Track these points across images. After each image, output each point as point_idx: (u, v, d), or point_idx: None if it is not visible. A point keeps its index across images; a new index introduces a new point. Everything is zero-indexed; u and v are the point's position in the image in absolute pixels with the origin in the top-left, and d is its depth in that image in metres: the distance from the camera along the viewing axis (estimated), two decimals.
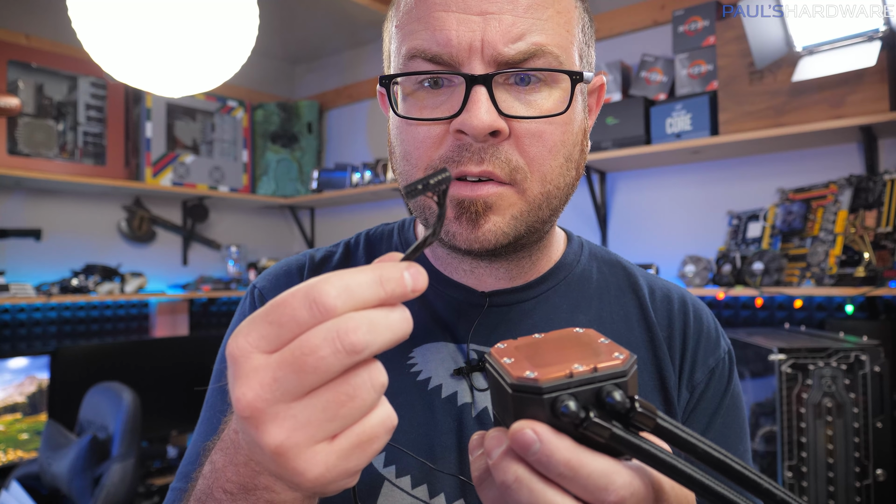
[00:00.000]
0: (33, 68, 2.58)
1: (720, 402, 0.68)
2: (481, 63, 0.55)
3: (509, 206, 0.57)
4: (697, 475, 0.34)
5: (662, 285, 0.73)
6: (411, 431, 0.62)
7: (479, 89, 0.54)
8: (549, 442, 0.34)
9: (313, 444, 0.33)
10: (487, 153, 0.56)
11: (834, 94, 1.87)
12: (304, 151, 3.41)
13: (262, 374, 0.32)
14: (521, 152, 0.57)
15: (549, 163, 0.58)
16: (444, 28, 0.55)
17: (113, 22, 1.34)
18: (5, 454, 2.33)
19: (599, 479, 0.34)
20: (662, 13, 2.43)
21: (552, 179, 0.58)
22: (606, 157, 2.26)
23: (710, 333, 0.70)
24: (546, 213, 0.60)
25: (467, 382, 0.64)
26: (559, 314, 0.68)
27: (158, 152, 2.87)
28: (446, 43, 0.55)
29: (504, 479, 0.36)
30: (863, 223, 1.86)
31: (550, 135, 0.57)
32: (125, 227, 2.93)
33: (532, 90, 0.57)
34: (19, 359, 2.41)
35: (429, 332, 0.67)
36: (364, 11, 2.83)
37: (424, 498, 0.60)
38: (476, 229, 0.57)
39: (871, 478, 1.47)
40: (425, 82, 0.58)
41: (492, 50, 0.54)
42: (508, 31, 0.55)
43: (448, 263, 0.68)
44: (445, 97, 0.57)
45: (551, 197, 0.59)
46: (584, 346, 0.38)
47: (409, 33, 0.58)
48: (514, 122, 0.56)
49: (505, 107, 0.56)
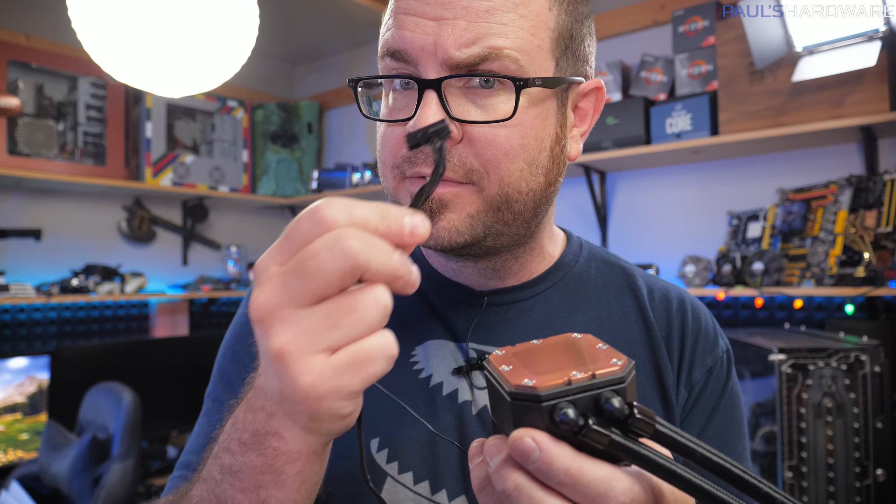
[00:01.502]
0: (33, 68, 2.58)
1: (718, 401, 0.68)
2: (434, 67, 0.55)
3: (466, 204, 0.58)
4: (697, 480, 0.34)
5: (661, 285, 0.74)
6: (413, 428, 0.62)
7: (430, 93, 0.55)
8: (548, 450, 0.34)
9: (312, 352, 0.35)
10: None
11: (834, 94, 1.87)
12: (304, 151, 3.41)
13: (273, 281, 0.36)
14: (476, 155, 0.57)
15: (507, 166, 0.57)
16: (402, 27, 0.57)
17: (113, 22, 1.34)
18: (5, 454, 2.33)
19: (599, 485, 0.34)
20: (662, 13, 2.43)
21: (511, 183, 0.58)
22: (606, 157, 2.26)
23: (707, 333, 0.71)
24: (507, 215, 0.59)
25: (467, 381, 0.64)
26: (558, 313, 0.68)
27: (158, 152, 2.87)
28: (402, 40, 0.57)
29: (504, 488, 0.36)
30: (863, 223, 1.86)
31: (505, 139, 0.57)
32: (125, 227, 2.93)
33: (491, 94, 0.56)
34: (19, 359, 2.41)
35: (430, 330, 0.67)
36: (364, 11, 2.83)
37: (426, 494, 0.60)
38: (433, 226, 0.57)
39: (871, 478, 1.47)
40: (396, 84, 0.59)
41: (443, 53, 0.55)
42: (461, 36, 0.55)
43: (440, 262, 0.69)
44: (409, 99, 0.58)
45: (511, 200, 0.58)
46: (582, 352, 0.38)
47: (384, 32, 0.60)
48: (466, 126, 0.56)
49: (458, 111, 0.56)
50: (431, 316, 0.68)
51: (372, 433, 0.62)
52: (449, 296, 0.68)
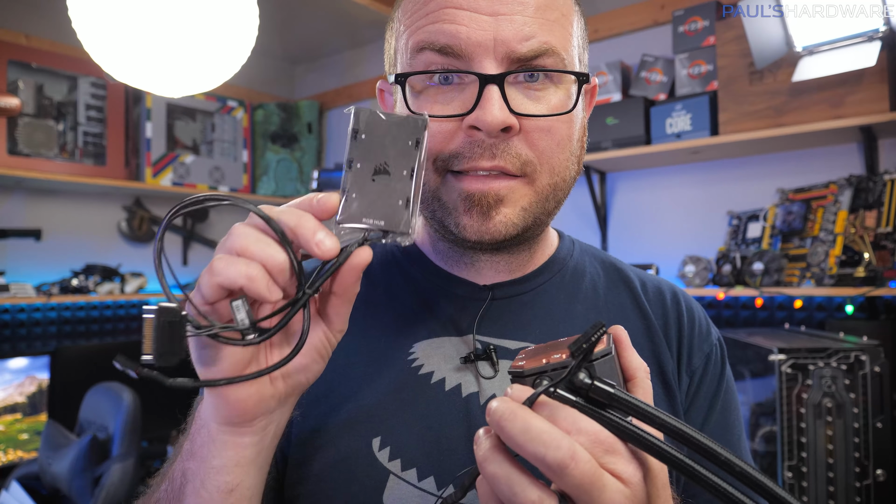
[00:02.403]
0: (33, 68, 2.58)
1: (718, 386, 0.71)
2: (494, 61, 0.57)
3: (520, 197, 0.60)
4: (633, 429, 0.39)
5: (652, 279, 0.77)
6: (415, 425, 0.62)
7: (492, 87, 0.56)
8: (511, 409, 0.39)
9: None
10: (498, 149, 0.58)
11: (834, 94, 1.87)
12: (304, 151, 3.41)
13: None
14: (531, 146, 0.59)
15: (558, 156, 0.61)
16: (454, 21, 0.57)
17: (113, 22, 1.34)
18: (5, 454, 2.33)
19: (550, 440, 0.38)
20: (662, 13, 2.43)
21: (559, 172, 0.62)
22: (606, 157, 2.26)
23: (701, 322, 0.74)
24: (552, 204, 0.63)
25: (473, 372, 0.64)
26: (557, 304, 0.70)
27: (158, 152, 2.87)
28: (455, 34, 0.57)
29: (487, 472, 0.40)
30: (863, 223, 1.86)
31: (558, 130, 0.60)
32: (125, 227, 2.93)
33: (540, 87, 0.59)
34: (19, 359, 2.41)
35: (429, 329, 0.68)
36: (364, 11, 2.83)
37: (432, 490, 0.60)
38: (487, 221, 0.59)
39: (871, 478, 1.47)
40: (435, 79, 0.60)
41: (505, 48, 0.57)
42: (520, 31, 0.57)
43: (448, 258, 0.70)
44: (456, 94, 0.59)
45: (558, 189, 0.62)
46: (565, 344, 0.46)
47: (418, 28, 0.60)
48: (523, 119, 0.58)
49: (515, 104, 0.58)
50: (431, 313, 0.69)
51: (372, 432, 0.62)
52: (451, 291, 0.69)
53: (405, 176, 0.47)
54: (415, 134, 0.47)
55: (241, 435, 0.49)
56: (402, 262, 0.73)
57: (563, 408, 0.40)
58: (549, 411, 0.40)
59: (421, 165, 0.47)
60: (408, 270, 0.72)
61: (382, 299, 0.71)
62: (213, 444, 0.49)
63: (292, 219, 0.44)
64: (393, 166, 0.47)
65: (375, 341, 0.67)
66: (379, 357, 0.66)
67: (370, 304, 0.70)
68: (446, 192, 0.61)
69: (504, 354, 0.65)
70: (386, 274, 0.73)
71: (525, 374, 0.43)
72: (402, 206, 0.46)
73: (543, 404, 0.40)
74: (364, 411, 0.63)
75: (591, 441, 0.39)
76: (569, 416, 0.39)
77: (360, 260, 0.46)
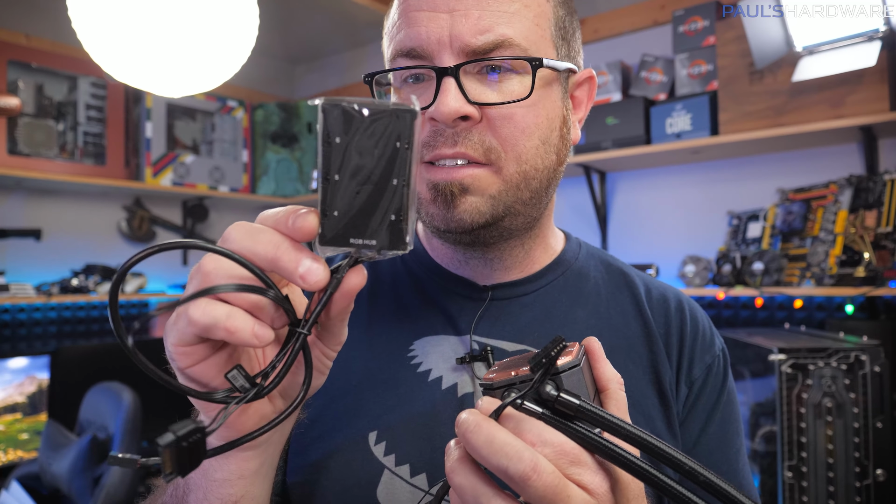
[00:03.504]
0: (33, 68, 2.58)
1: (718, 399, 0.70)
2: (451, 55, 0.59)
3: (487, 185, 0.60)
4: (598, 440, 0.39)
5: (658, 285, 0.76)
6: (411, 422, 0.63)
7: (448, 80, 0.58)
8: (477, 422, 0.39)
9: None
10: (460, 136, 0.59)
11: (834, 94, 1.87)
12: (304, 151, 3.41)
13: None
14: (494, 134, 0.60)
15: (523, 143, 0.61)
16: (416, 24, 0.60)
17: (113, 22, 1.34)
18: (5, 454, 2.33)
19: (512, 451, 0.38)
20: (662, 13, 2.42)
21: (528, 160, 0.61)
22: (606, 157, 2.26)
23: (705, 332, 0.73)
24: (525, 193, 0.62)
25: (469, 373, 0.65)
26: (558, 308, 0.70)
27: (158, 152, 2.87)
28: (417, 37, 0.59)
29: (455, 483, 0.40)
30: (863, 223, 1.86)
31: (521, 117, 0.60)
32: (125, 227, 2.93)
33: (502, 79, 0.60)
34: (19, 359, 2.41)
35: (430, 326, 0.68)
36: (364, 11, 2.83)
37: (424, 486, 0.60)
38: (452, 209, 0.60)
39: (871, 478, 1.47)
40: (409, 78, 0.62)
41: (459, 42, 0.58)
42: (475, 25, 0.58)
43: (444, 254, 0.71)
44: (423, 90, 0.61)
45: (529, 177, 0.62)
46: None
47: (392, 38, 0.63)
48: (486, 109, 0.60)
49: (475, 95, 0.59)
50: (432, 311, 0.69)
51: (370, 426, 0.63)
52: (452, 290, 0.69)
53: (395, 184, 0.38)
54: (404, 130, 0.38)
55: (243, 450, 0.49)
56: (407, 259, 0.74)
57: (529, 420, 0.40)
58: (515, 424, 0.40)
59: (413, 169, 0.39)
60: (411, 267, 0.73)
61: (387, 294, 0.71)
62: (215, 458, 0.48)
63: (269, 250, 0.38)
64: (379, 173, 0.38)
65: (377, 336, 0.68)
66: (380, 352, 0.67)
67: (375, 296, 0.71)
68: (419, 184, 0.62)
69: (501, 356, 0.65)
70: (391, 268, 0.74)
71: (494, 386, 0.44)
72: (395, 220, 0.39)
73: (510, 417, 0.40)
74: (362, 405, 0.64)
75: (555, 452, 0.39)
76: (534, 429, 0.39)
77: (354, 285, 0.41)
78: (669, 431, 0.66)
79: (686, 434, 0.68)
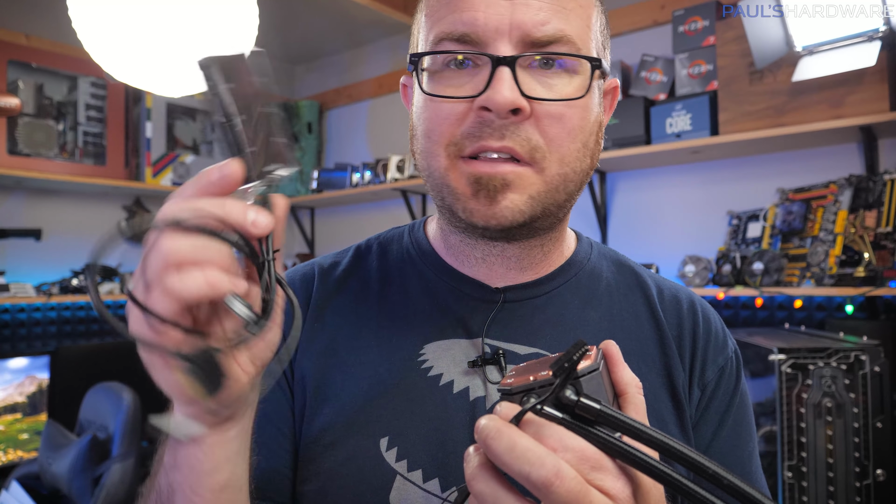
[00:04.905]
0: (33, 68, 2.58)
1: (731, 401, 0.69)
2: (508, 45, 0.57)
3: (528, 185, 0.59)
4: (620, 445, 0.39)
5: (670, 286, 0.75)
6: (422, 426, 0.62)
7: (504, 69, 0.56)
8: (498, 427, 0.39)
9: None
10: (508, 130, 0.57)
11: (834, 94, 1.87)
12: (304, 151, 3.41)
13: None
14: (541, 132, 0.58)
15: (568, 145, 0.60)
16: (471, 9, 0.58)
17: (113, 22, 1.34)
18: (5, 454, 2.33)
19: (535, 458, 0.38)
20: (662, 13, 2.42)
21: (570, 162, 0.60)
22: (606, 157, 2.26)
23: (718, 334, 0.72)
24: (562, 196, 0.61)
25: (481, 376, 0.64)
26: (570, 310, 0.68)
27: (158, 152, 2.87)
28: (472, 22, 0.57)
29: (475, 490, 0.40)
30: (863, 223, 1.86)
31: (570, 118, 0.59)
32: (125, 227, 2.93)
33: (554, 75, 0.59)
34: (19, 359, 2.41)
35: (440, 330, 0.67)
36: (364, 11, 2.83)
37: (436, 492, 0.60)
38: (493, 205, 0.58)
39: (871, 478, 1.47)
40: (451, 63, 0.60)
41: (520, 31, 0.57)
42: (536, 16, 0.57)
43: (460, 252, 0.69)
44: (470, 77, 0.59)
45: (568, 180, 0.61)
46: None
47: (438, 19, 0.60)
48: (535, 104, 0.58)
49: (527, 88, 0.57)
50: (442, 314, 0.68)
51: (381, 432, 0.62)
52: (464, 292, 0.68)
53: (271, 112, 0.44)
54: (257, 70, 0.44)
55: (226, 430, 0.49)
56: (417, 262, 0.72)
57: (550, 425, 0.40)
58: (536, 429, 0.39)
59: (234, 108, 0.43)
60: (422, 270, 0.71)
61: (397, 298, 0.70)
62: (200, 450, 0.49)
63: (217, 209, 0.42)
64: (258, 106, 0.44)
65: (387, 340, 0.67)
66: (390, 356, 0.66)
67: (384, 301, 0.70)
68: (456, 178, 0.60)
69: (513, 359, 0.64)
70: (400, 273, 0.72)
71: (513, 391, 0.43)
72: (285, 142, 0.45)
73: (530, 422, 0.40)
74: (373, 411, 0.63)
75: (577, 458, 0.38)
76: (555, 434, 0.39)
77: (285, 206, 0.46)
78: (683, 435, 0.66)
79: (699, 437, 0.67)
